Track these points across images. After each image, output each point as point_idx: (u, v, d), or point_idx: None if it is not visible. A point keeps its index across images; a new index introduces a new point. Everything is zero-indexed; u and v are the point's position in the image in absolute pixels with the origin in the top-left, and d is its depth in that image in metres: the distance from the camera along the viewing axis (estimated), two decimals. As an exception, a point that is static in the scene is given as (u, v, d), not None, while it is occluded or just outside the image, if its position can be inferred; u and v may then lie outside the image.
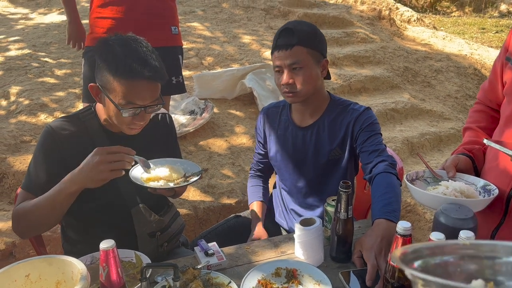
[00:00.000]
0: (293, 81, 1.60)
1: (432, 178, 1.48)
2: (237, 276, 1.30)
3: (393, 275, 1.11)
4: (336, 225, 1.37)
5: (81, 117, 1.55)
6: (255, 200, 1.92)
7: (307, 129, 1.74)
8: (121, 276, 1.06)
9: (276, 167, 1.88)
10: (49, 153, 1.47)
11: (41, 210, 1.37)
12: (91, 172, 1.29)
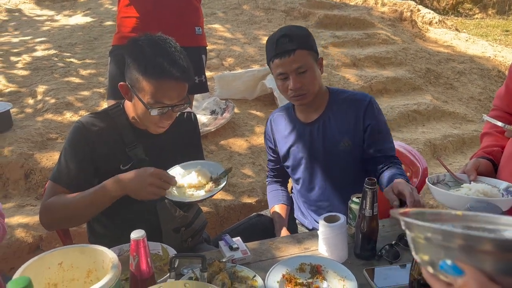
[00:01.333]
0: (301, 84, 1.64)
1: (453, 182, 1.47)
2: (262, 271, 1.31)
3: (419, 272, 1.11)
4: (361, 222, 1.37)
5: (110, 113, 1.58)
6: (276, 203, 1.94)
7: (313, 124, 1.78)
8: (150, 265, 1.08)
9: (290, 168, 1.89)
10: (79, 148, 1.51)
11: (79, 207, 1.41)
12: (142, 191, 1.36)
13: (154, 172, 1.35)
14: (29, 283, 0.71)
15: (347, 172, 1.77)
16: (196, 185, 1.47)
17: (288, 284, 1.26)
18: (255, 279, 1.26)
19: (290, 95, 1.69)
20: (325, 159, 1.77)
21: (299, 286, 1.25)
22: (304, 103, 1.71)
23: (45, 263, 1.06)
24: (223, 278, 1.19)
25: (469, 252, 0.60)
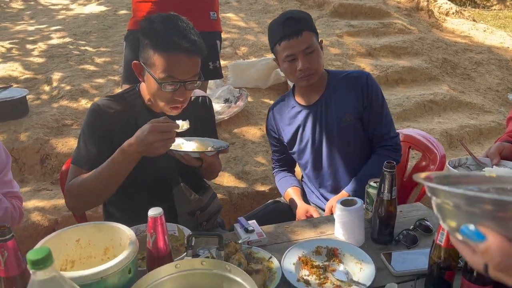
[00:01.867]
0: (309, 64, 1.68)
1: (475, 166, 1.44)
2: (277, 253, 1.30)
3: (439, 255, 1.09)
4: (378, 206, 1.35)
5: (126, 96, 1.58)
6: (288, 187, 1.95)
7: (314, 106, 1.81)
8: (167, 243, 1.08)
9: (296, 154, 1.90)
10: (96, 130, 1.51)
11: (101, 180, 1.41)
12: (148, 149, 1.33)
13: (151, 129, 1.32)
14: (49, 253, 0.70)
15: (352, 147, 1.80)
16: (195, 149, 1.48)
17: (304, 266, 1.25)
18: (271, 261, 1.25)
19: (298, 76, 1.71)
20: (329, 137, 1.79)
21: (315, 268, 1.24)
22: (311, 82, 1.74)
23: (63, 240, 1.07)
24: (239, 258, 1.18)
25: (494, 217, 0.58)
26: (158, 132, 1.32)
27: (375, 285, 1.16)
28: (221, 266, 1.02)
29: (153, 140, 1.32)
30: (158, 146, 1.32)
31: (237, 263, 1.15)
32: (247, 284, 0.97)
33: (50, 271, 0.71)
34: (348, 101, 1.77)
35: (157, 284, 0.99)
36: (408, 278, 1.20)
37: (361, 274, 1.20)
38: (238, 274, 0.99)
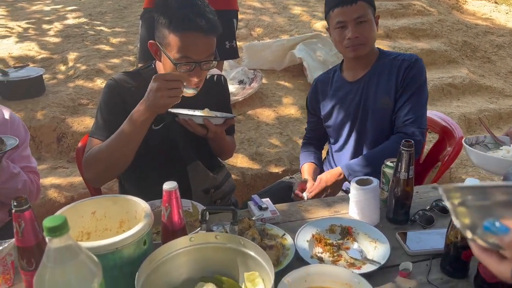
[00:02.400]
0: (359, 34, 1.65)
1: (493, 144, 1.40)
2: (291, 231, 1.30)
3: (456, 235, 1.07)
4: (395, 185, 1.33)
5: (142, 73, 1.57)
6: (306, 162, 1.96)
7: (358, 83, 1.78)
8: (182, 217, 1.08)
9: (331, 128, 1.90)
10: (113, 103, 1.51)
11: (115, 145, 1.40)
12: (153, 99, 1.31)
13: (155, 77, 1.32)
14: (65, 220, 0.71)
15: (380, 132, 1.76)
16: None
17: (317, 244, 1.25)
18: (285, 237, 1.25)
19: (346, 45, 1.69)
20: (363, 118, 1.77)
21: (329, 246, 1.23)
22: (359, 54, 1.70)
23: (79, 212, 1.08)
24: (253, 233, 1.18)
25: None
26: (162, 80, 1.31)
27: (389, 264, 1.15)
28: (235, 240, 1.02)
29: (157, 87, 1.30)
30: (161, 94, 1.30)
31: (251, 239, 1.15)
32: (261, 258, 0.98)
33: (66, 239, 0.72)
34: (389, 84, 1.72)
35: (172, 256, 1.00)
36: (423, 257, 1.19)
37: (375, 252, 1.19)
38: (252, 248, 1.00)
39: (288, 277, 1.02)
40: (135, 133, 1.39)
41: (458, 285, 1.08)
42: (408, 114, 1.69)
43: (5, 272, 1.08)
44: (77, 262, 0.71)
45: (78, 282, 0.71)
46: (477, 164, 1.31)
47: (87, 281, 0.72)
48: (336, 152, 1.92)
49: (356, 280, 1.01)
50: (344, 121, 1.83)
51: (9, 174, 1.48)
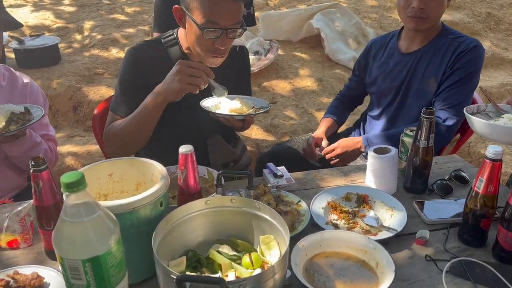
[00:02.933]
0: (425, 6, 1.57)
1: (494, 113, 1.36)
2: (306, 198, 1.29)
3: (476, 203, 1.05)
4: (414, 154, 1.31)
5: (163, 42, 1.53)
6: (328, 117, 1.98)
7: (410, 56, 1.73)
8: (198, 181, 1.08)
9: (373, 95, 1.89)
10: (133, 73, 1.49)
11: (132, 125, 1.41)
12: (171, 81, 1.30)
13: (180, 61, 1.30)
14: (82, 176, 0.71)
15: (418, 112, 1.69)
16: (237, 109, 1.44)
17: (333, 211, 1.24)
18: (300, 204, 1.24)
19: (408, 13, 1.62)
20: (406, 93, 1.74)
21: (345, 213, 1.22)
22: (419, 27, 1.64)
23: (96, 173, 1.08)
24: (268, 199, 1.18)
25: None
26: (186, 66, 1.29)
27: (406, 232, 1.13)
28: (250, 204, 1.01)
29: (178, 70, 1.28)
30: (180, 78, 1.28)
31: (266, 204, 1.14)
32: (276, 222, 0.97)
33: (84, 195, 0.72)
34: (440, 65, 1.65)
35: (188, 218, 1.01)
36: (440, 226, 1.17)
37: (391, 220, 1.18)
38: (267, 212, 0.99)
39: (303, 242, 1.02)
40: (148, 117, 1.39)
41: (476, 254, 1.07)
42: (448, 99, 1.62)
43: (24, 232, 1.10)
44: (94, 218, 0.71)
45: (95, 238, 0.72)
46: (480, 133, 1.27)
47: (104, 237, 0.73)
48: (371, 118, 1.91)
49: (372, 245, 1.00)
50: (386, 92, 1.80)
51: (32, 143, 1.50)
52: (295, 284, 0.96)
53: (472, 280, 0.97)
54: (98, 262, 0.71)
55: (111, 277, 0.73)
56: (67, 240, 0.71)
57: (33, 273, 0.94)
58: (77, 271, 0.71)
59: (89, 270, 0.71)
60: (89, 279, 0.71)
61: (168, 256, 0.97)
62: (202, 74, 1.30)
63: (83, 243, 0.71)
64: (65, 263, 0.71)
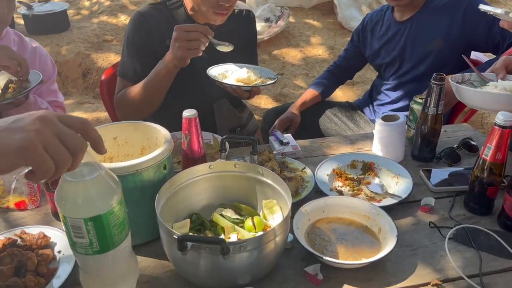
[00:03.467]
0: None
1: (479, 82, 1.32)
2: (311, 165, 1.29)
3: (483, 170, 1.03)
4: (422, 121, 1.28)
5: (168, 5, 1.51)
6: (313, 88, 2.00)
7: (406, 23, 1.75)
8: (202, 146, 1.08)
9: (379, 66, 1.91)
10: (139, 38, 1.47)
11: (144, 92, 1.41)
12: (173, 49, 1.28)
13: (176, 27, 1.27)
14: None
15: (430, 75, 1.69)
16: (244, 79, 1.42)
17: (338, 178, 1.24)
18: (305, 171, 1.24)
19: None
20: (412, 58, 1.75)
21: (349, 180, 1.22)
22: (399, 3, 1.68)
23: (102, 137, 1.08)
24: (273, 165, 1.18)
25: None
26: (181, 31, 1.26)
27: (411, 199, 1.13)
28: (254, 169, 1.01)
29: (175, 37, 1.26)
30: (179, 45, 1.25)
31: (270, 170, 1.14)
32: (279, 187, 0.97)
33: (86, 156, 0.71)
34: (441, 25, 1.66)
35: (191, 182, 1.01)
36: (446, 194, 1.16)
37: (397, 187, 1.17)
38: (271, 177, 0.99)
39: (306, 207, 1.02)
40: (159, 85, 1.39)
41: (481, 222, 1.06)
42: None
43: (32, 194, 1.12)
44: (96, 177, 0.71)
45: (97, 197, 0.72)
46: (463, 101, 1.22)
47: (106, 197, 0.73)
48: (380, 89, 1.91)
49: (375, 211, 1.00)
50: (390, 62, 1.81)
51: (37, 109, 1.50)
52: (297, 248, 0.97)
53: (475, 247, 0.96)
54: (100, 221, 0.71)
55: (113, 236, 0.74)
56: (69, 199, 0.71)
57: (40, 233, 0.96)
58: (80, 229, 0.71)
59: (91, 229, 0.71)
60: (91, 237, 0.72)
61: (172, 219, 0.98)
62: (199, 36, 1.27)
63: (85, 202, 0.71)
64: (68, 221, 0.72)
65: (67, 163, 0.57)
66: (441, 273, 0.91)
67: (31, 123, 0.54)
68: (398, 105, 1.83)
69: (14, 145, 0.53)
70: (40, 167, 0.54)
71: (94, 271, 0.78)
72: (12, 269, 0.85)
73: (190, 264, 0.84)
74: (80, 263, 0.79)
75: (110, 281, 0.80)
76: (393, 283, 0.89)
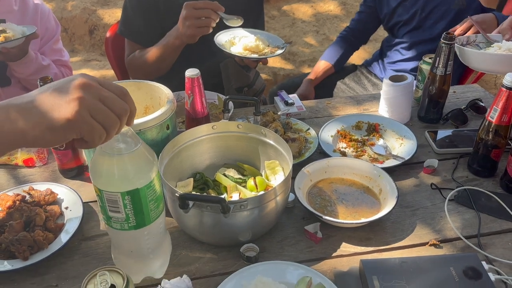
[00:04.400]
0: None
1: (485, 43, 1.28)
2: (316, 126, 1.28)
3: (488, 132, 1.02)
4: (430, 82, 1.26)
5: None
6: (325, 60, 1.95)
7: None
8: (205, 105, 1.08)
9: (395, 25, 1.84)
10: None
11: (153, 59, 1.45)
12: (182, 28, 1.28)
13: (185, 4, 1.26)
14: None
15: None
16: (252, 48, 1.40)
17: (342, 139, 1.23)
18: (309, 132, 1.24)
19: None
20: (432, 15, 1.71)
21: (354, 142, 1.22)
22: None
23: (105, 96, 1.09)
24: (276, 126, 1.18)
25: None
26: (191, 8, 1.25)
27: (414, 161, 1.13)
28: (256, 130, 1.01)
29: (185, 15, 1.26)
30: (189, 23, 1.26)
31: (274, 131, 1.14)
32: (281, 148, 0.98)
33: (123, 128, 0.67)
34: None
35: (195, 142, 1.02)
36: (451, 156, 1.16)
37: (401, 149, 1.17)
38: (273, 138, 0.99)
39: (308, 167, 1.03)
40: (168, 56, 1.43)
41: (483, 184, 1.06)
42: None
43: (40, 151, 1.15)
44: (135, 151, 0.67)
45: (136, 170, 0.68)
46: (470, 64, 1.18)
47: (144, 170, 0.69)
48: (393, 47, 1.87)
49: (376, 172, 1.00)
50: (409, 19, 1.76)
51: (38, 66, 1.50)
52: (298, 207, 0.98)
53: (475, 209, 0.97)
54: (137, 195, 0.68)
55: (150, 211, 0.72)
56: (105, 173, 0.67)
57: (47, 189, 0.98)
58: (116, 204, 0.69)
59: (128, 203, 0.69)
60: (128, 212, 0.69)
61: (176, 178, 1.00)
62: (210, 13, 1.27)
63: (122, 176, 0.67)
64: (103, 195, 0.68)
65: (116, 126, 0.56)
66: (439, 233, 0.92)
67: (73, 91, 0.52)
68: (410, 65, 1.79)
69: (62, 120, 0.51)
70: (91, 134, 0.54)
71: (128, 248, 0.76)
72: (22, 224, 0.88)
73: (192, 222, 0.87)
74: (114, 239, 0.77)
75: (144, 258, 0.78)
76: (391, 243, 0.90)
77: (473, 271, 0.75)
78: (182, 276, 0.81)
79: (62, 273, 0.85)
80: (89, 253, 0.89)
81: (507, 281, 0.80)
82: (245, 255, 0.86)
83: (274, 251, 0.89)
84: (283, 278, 0.79)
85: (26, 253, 0.83)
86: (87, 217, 0.97)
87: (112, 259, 0.83)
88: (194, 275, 0.84)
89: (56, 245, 0.87)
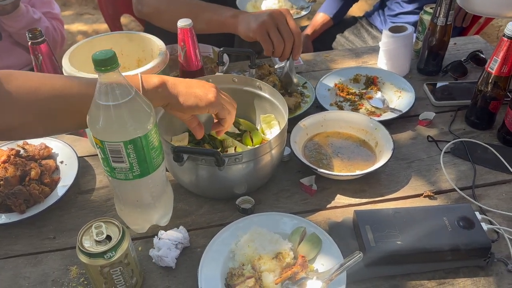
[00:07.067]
0: None
1: None
2: (313, 79, 1.26)
3: (487, 84, 1.00)
4: (431, 33, 1.22)
5: None
6: (323, 12, 1.91)
7: None
8: (199, 58, 1.05)
9: None
10: None
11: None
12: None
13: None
14: (114, 54, 0.62)
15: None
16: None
17: (339, 92, 1.21)
18: (306, 85, 1.21)
19: None
20: None
21: (351, 95, 1.20)
22: None
23: (95, 47, 1.05)
24: (274, 80, 1.15)
25: None
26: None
27: (412, 113, 1.11)
28: (252, 83, 1.00)
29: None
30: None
31: (272, 85, 1.12)
32: (277, 101, 0.96)
33: (117, 76, 0.64)
34: None
35: (188, 96, 1.00)
36: (449, 109, 1.15)
37: (398, 101, 1.15)
38: (268, 91, 0.98)
39: (304, 121, 1.02)
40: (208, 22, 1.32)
41: (480, 136, 1.05)
42: None
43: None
44: (130, 99, 0.65)
45: (134, 119, 0.66)
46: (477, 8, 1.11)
47: (143, 118, 0.68)
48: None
49: (372, 125, 0.99)
50: None
51: (29, 19, 1.45)
52: (294, 160, 0.98)
53: (471, 161, 0.97)
54: (140, 143, 0.67)
55: (152, 159, 0.71)
56: (105, 123, 0.65)
57: (41, 144, 0.98)
58: (119, 153, 0.67)
59: (132, 152, 0.67)
60: (132, 161, 0.68)
61: (171, 133, 0.99)
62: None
63: (122, 125, 0.66)
64: (106, 146, 0.67)
65: (233, 112, 0.88)
66: (434, 185, 0.93)
67: (210, 88, 0.83)
68: (411, 18, 1.74)
69: (207, 101, 0.80)
70: (222, 112, 0.84)
71: (134, 197, 0.76)
72: (17, 178, 0.88)
73: (188, 175, 0.87)
74: (119, 191, 0.76)
75: (149, 206, 0.78)
76: (385, 194, 0.91)
77: (466, 221, 0.76)
78: (179, 227, 0.82)
79: (59, 225, 0.86)
80: (85, 206, 0.90)
81: (499, 230, 0.81)
82: (240, 207, 0.86)
83: (269, 203, 0.90)
84: (277, 228, 0.80)
85: (22, 207, 0.84)
86: (82, 171, 0.97)
87: (108, 212, 0.84)
88: (191, 226, 0.85)
89: (52, 199, 0.87)
